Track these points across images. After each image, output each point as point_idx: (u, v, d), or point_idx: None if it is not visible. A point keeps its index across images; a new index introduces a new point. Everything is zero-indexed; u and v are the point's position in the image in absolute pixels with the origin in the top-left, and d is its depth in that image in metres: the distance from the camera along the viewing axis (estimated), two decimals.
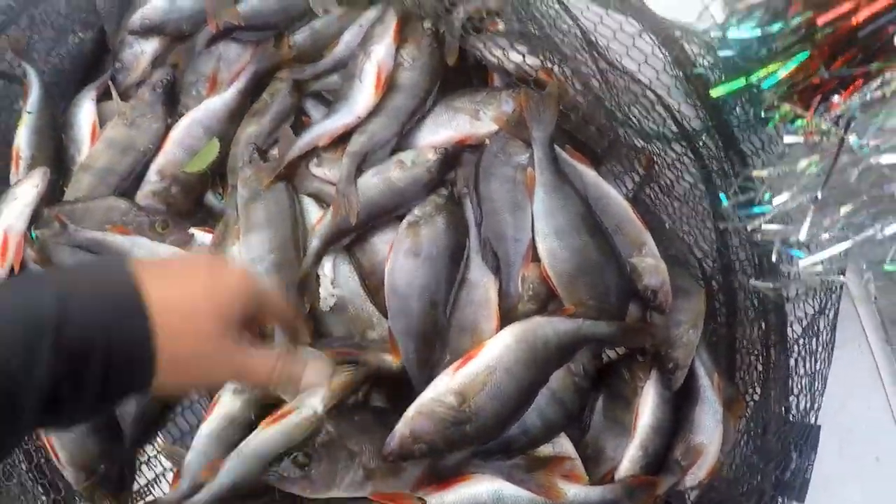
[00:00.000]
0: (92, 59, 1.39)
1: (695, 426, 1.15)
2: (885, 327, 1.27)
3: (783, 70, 0.85)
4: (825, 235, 0.89)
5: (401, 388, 1.08)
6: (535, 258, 1.11)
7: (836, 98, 0.82)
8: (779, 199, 0.88)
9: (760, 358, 1.19)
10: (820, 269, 0.95)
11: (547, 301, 1.12)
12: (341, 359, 1.06)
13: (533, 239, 1.10)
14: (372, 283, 1.13)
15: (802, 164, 0.86)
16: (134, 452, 1.19)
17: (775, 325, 1.17)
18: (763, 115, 0.94)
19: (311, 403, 1.05)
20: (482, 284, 1.09)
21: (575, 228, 1.09)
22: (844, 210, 0.84)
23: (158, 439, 1.19)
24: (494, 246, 1.10)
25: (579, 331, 1.06)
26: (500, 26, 1.25)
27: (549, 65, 1.17)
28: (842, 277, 0.99)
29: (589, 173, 1.14)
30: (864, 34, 0.78)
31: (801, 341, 1.14)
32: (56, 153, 1.30)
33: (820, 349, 1.14)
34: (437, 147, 1.15)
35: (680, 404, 1.16)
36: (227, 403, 1.11)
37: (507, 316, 1.08)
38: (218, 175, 1.25)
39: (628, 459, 1.11)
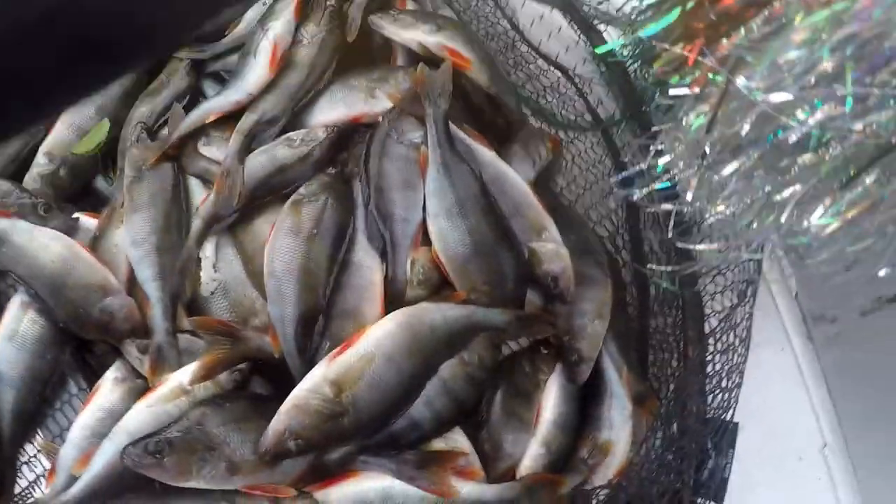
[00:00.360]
0: None
1: (602, 422, 1.08)
2: (807, 324, 1.21)
3: (666, 19, 0.79)
4: (721, 207, 0.83)
5: (285, 376, 1.01)
6: (428, 242, 1.05)
7: (724, 41, 0.76)
8: (664, 160, 0.81)
9: (675, 353, 1.13)
10: (720, 245, 0.89)
11: (439, 287, 1.06)
12: (218, 333, 0.99)
13: (424, 220, 1.05)
14: (255, 267, 1.06)
15: (690, 117, 0.80)
16: (13, 452, 1.11)
17: (692, 318, 1.11)
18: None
19: (178, 376, 1.00)
20: (366, 267, 1.03)
21: (468, 209, 1.03)
22: (732, 167, 0.77)
23: (38, 437, 1.12)
24: (381, 226, 1.04)
25: (471, 318, 1.01)
26: (409, 4, 1.21)
27: (453, 45, 1.13)
28: (747, 255, 0.92)
29: (486, 153, 1.08)
30: None
31: (717, 334, 1.09)
32: None
33: (737, 342, 1.08)
34: (328, 125, 1.10)
35: (586, 400, 1.09)
36: (106, 394, 1.06)
37: (394, 301, 1.02)
38: (109, 158, 1.19)
39: (529, 457, 1.05)
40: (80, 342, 1.11)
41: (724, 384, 1.08)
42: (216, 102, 1.11)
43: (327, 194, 1.04)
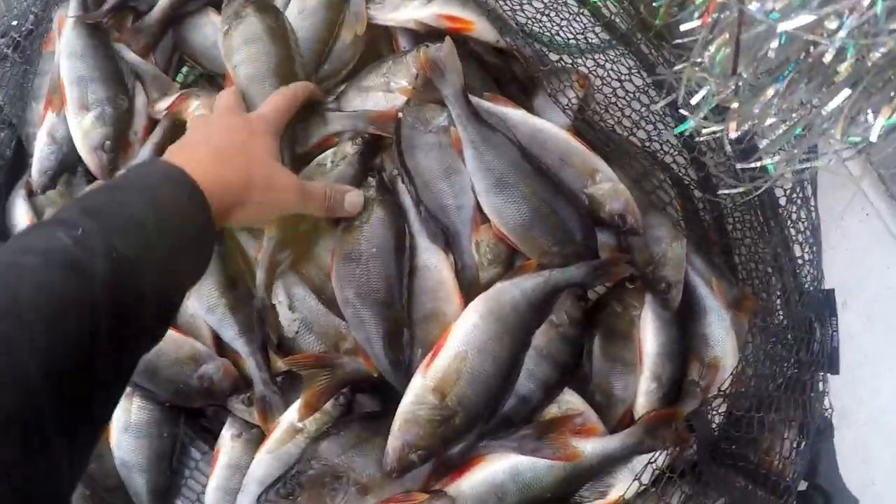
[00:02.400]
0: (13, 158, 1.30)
1: (705, 340, 1.07)
2: (885, 182, 1.16)
3: None
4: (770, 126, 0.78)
5: (390, 388, 1.03)
6: (486, 220, 1.04)
7: None
8: (696, 98, 0.77)
9: (758, 244, 1.09)
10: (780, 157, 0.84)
11: (511, 259, 1.05)
12: (313, 367, 1.01)
13: (477, 200, 1.03)
14: (328, 295, 1.06)
15: (711, 49, 0.75)
16: None
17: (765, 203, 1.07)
18: None
19: (288, 417, 1.04)
20: (433, 267, 1.02)
21: (515, 177, 1.01)
22: (769, 93, 0.72)
23: None
24: (438, 220, 1.03)
25: (548, 282, 0.99)
26: None
27: (449, 11, 1.09)
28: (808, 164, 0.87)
29: (516, 114, 1.05)
30: None
31: (788, 209, 1.04)
32: None
33: (811, 208, 1.03)
34: (353, 138, 1.07)
35: (684, 322, 1.08)
36: (227, 452, 1.11)
37: (471, 289, 1.02)
38: None
39: (643, 394, 1.05)
40: (190, 411, 1.16)
41: (807, 256, 1.04)
42: None
43: (374, 208, 1.03)
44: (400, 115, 1.06)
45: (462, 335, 0.95)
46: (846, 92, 0.65)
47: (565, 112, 1.07)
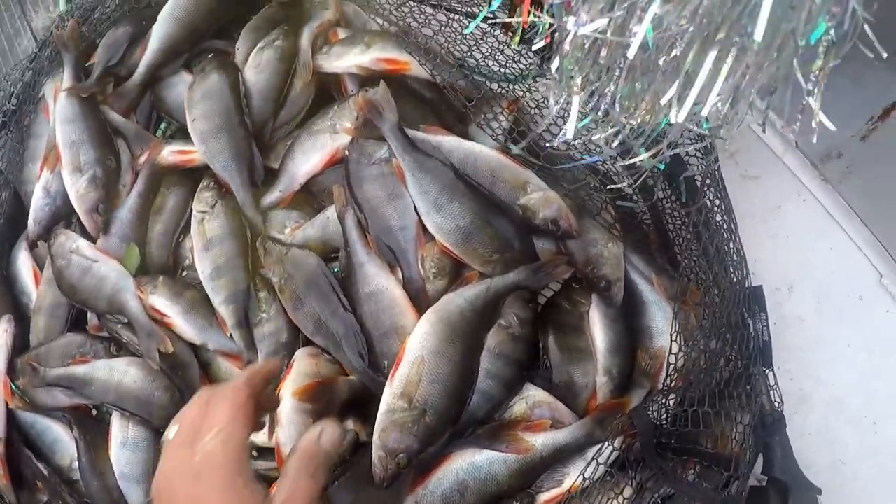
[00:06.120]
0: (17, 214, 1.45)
1: (649, 332, 1.14)
2: (816, 166, 1.21)
3: None
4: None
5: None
6: (432, 238, 1.13)
7: None
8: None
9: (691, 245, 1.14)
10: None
11: (456, 271, 1.14)
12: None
13: (420, 221, 1.13)
14: None
15: (555, 63, 0.85)
16: None
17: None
18: None
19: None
20: (384, 289, 1.11)
21: (450, 196, 1.11)
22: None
23: None
24: (385, 241, 1.13)
25: (490, 289, 1.08)
26: (341, 34, 1.29)
27: (386, 55, 1.20)
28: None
29: (449, 140, 1.15)
30: None
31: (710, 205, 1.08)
32: (14, 308, 1.38)
33: (727, 208, 1.09)
34: None
35: (630, 317, 1.15)
36: None
37: (419, 300, 1.11)
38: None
39: (597, 389, 1.11)
40: None
41: (735, 254, 1.09)
42: None
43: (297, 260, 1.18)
44: (346, 152, 1.17)
45: (417, 344, 1.03)
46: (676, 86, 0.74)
47: (495, 138, 1.16)
